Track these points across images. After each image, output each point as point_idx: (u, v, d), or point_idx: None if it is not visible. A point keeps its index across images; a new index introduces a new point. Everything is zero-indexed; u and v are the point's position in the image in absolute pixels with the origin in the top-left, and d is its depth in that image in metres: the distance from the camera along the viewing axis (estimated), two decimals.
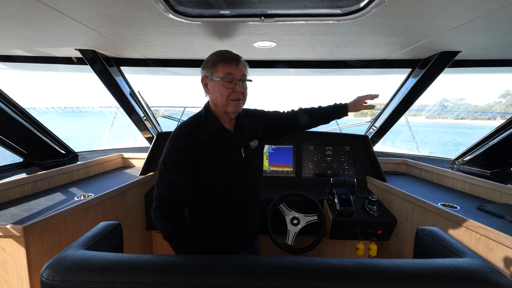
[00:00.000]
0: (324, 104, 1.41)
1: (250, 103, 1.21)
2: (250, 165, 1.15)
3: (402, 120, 2.70)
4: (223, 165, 1.09)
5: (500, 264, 1.07)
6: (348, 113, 1.38)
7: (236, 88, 1.03)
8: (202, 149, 1.04)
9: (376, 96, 1.36)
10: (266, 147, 2.13)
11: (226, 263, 0.57)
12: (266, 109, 1.35)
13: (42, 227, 1.15)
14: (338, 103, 1.38)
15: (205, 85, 1.10)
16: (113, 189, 1.59)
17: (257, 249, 1.35)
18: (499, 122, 1.90)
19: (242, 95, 1.06)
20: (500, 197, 1.50)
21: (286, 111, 1.37)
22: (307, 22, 1.22)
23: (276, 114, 1.33)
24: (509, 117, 1.82)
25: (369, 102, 1.39)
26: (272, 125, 1.30)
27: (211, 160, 1.06)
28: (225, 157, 1.09)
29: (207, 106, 1.13)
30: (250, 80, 1.10)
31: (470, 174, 1.77)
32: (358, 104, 1.36)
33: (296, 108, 1.39)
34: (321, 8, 1.13)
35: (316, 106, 1.40)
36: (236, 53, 1.06)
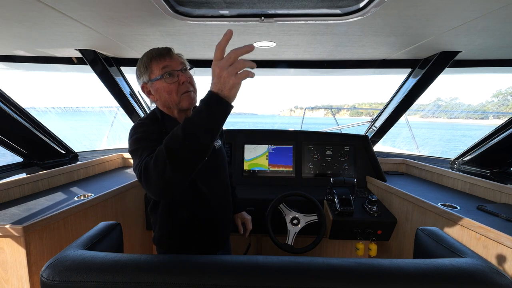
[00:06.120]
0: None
1: (252, 102, 1.15)
2: (212, 165, 1.06)
3: (402, 120, 2.70)
4: None
5: (500, 264, 1.07)
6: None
7: (181, 78, 0.94)
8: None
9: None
10: (266, 147, 2.13)
11: (226, 263, 0.57)
12: None
13: (42, 227, 1.15)
14: None
15: (148, 93, 1.01)
16: (113, 189, 1.59)
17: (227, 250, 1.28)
18: (492, 121, 1.91)
19: (191, 85, 0.97)
20: (500, 197, 1.50)
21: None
22: (307, 22, 1.22)
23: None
24: (505, 117, 1.82)
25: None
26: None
27: None
28: None
29: (157, 111, 1.03)
30: (192, 67, 1.01)
31: (470, 174, 1.77)
32: None
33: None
34: (321, 8, 1.13)
35: None
36: None
